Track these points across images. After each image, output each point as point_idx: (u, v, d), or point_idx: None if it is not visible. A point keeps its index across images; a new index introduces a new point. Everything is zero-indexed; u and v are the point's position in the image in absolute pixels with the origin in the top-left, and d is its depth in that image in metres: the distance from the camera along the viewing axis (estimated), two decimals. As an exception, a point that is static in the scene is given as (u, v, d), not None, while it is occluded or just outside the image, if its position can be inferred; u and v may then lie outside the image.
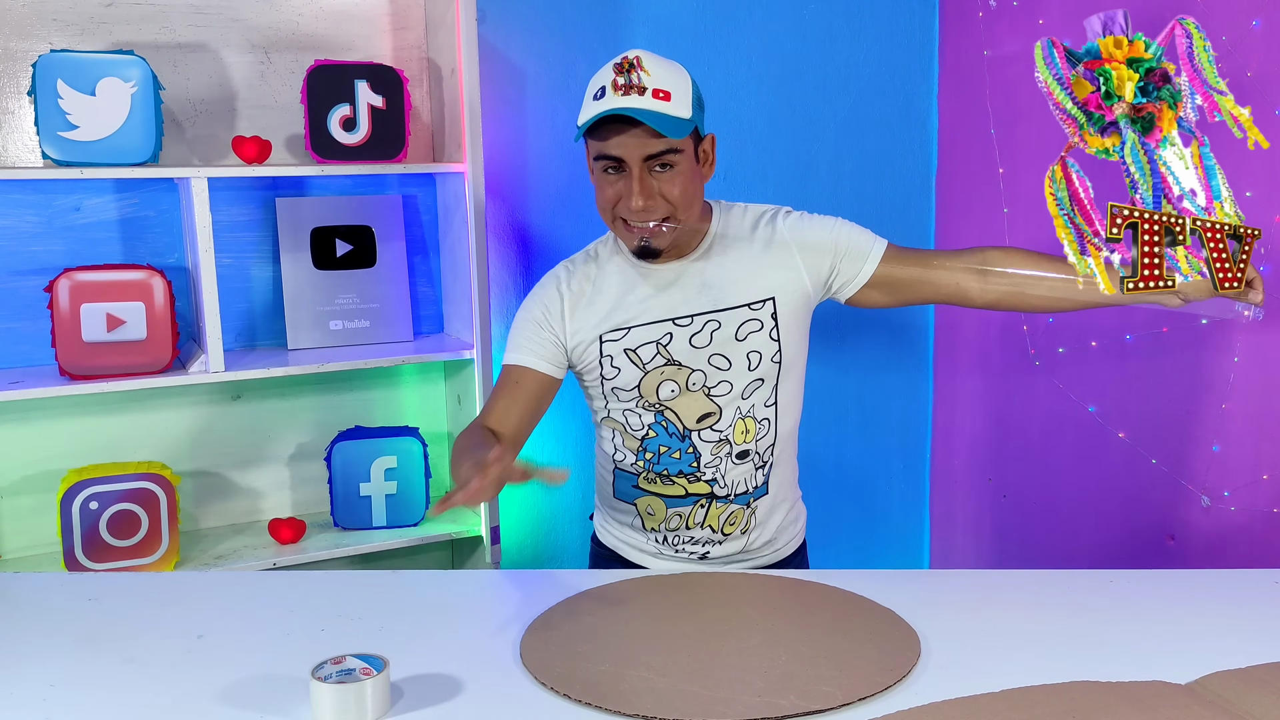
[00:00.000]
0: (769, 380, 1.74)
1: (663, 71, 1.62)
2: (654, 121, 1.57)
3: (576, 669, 1.36)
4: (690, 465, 1.75)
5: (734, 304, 1.71)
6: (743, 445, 1.74)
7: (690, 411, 1.72)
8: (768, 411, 1.75)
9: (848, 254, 1.74)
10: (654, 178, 1.62)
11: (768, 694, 1.28)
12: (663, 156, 1.61)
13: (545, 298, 1.78)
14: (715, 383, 1.71)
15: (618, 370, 1.73)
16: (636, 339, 1.71)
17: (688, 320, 1.71)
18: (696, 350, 1.70)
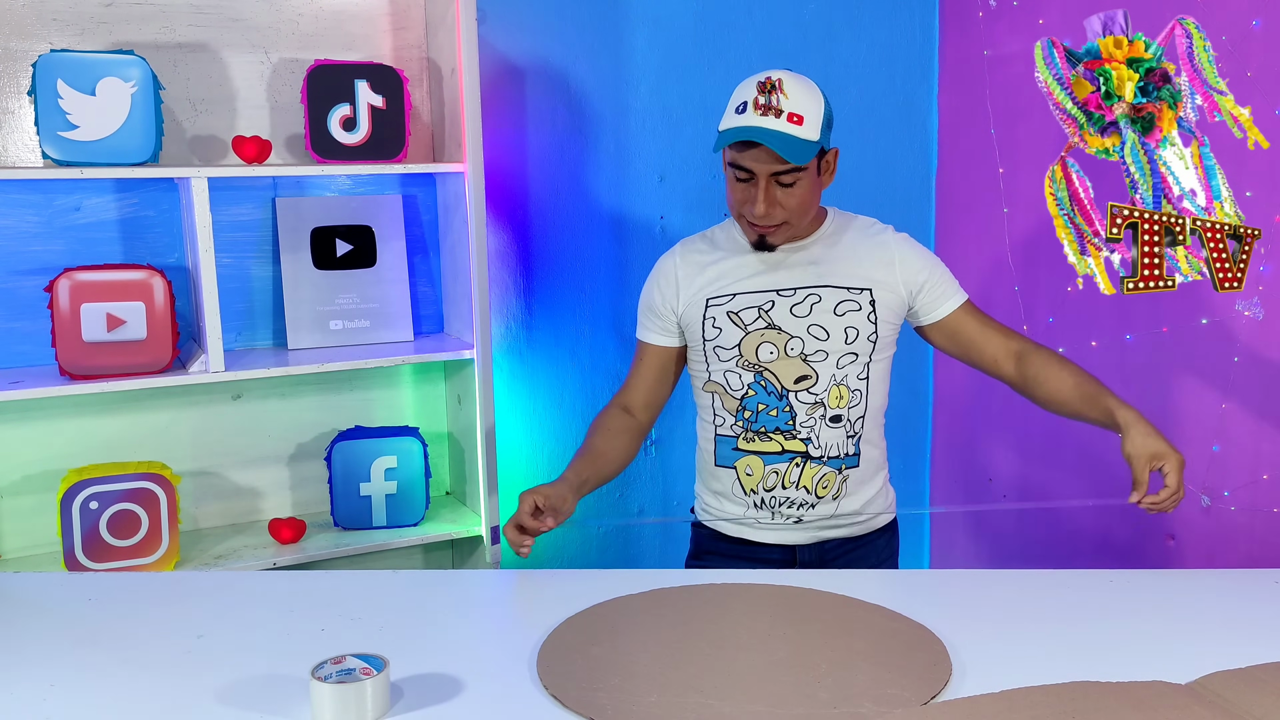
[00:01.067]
0: (862, 356, 1.86)
1: (801, 96, 1.78)
2: (783, 147, 1.74)
3: (595, 687, 1.36)
4: (787, 424, 1.85)
5: (836, 284, 1.86)
6: (836, 409, 1.85)
7: (788, 373, 1.84)
8: (860, 384, 1.87)
9: (933, 288, 1.90)
10: (778, 189, 1.79)
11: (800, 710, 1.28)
12: (789, 174, 1.78)
13: (660, 271, 1.97)
14: (812, 350, 1.84)
15: (719, 330, 1.87)
16: (740, 303, 1.87)
17: (790, 291, 1.86)
18: (797, 319, 1.84)
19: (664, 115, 2.78)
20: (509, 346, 2.70)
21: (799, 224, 1.84)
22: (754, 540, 1.92)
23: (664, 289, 1.95)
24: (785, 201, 1.80)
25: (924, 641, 1.44)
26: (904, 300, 1.89)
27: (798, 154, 1.75)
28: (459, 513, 2.54)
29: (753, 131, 1.75)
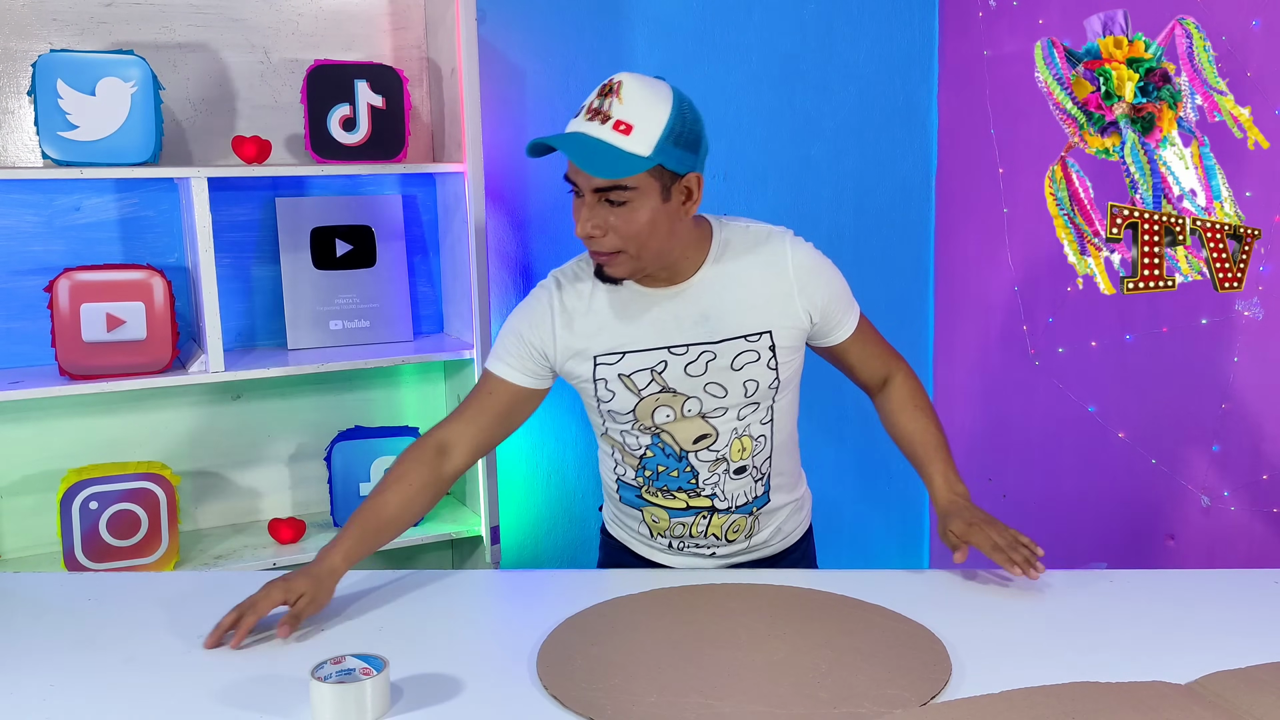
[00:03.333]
0: (764, 403, 1.73)
1: (639, 102, 1.52)
2: (588, 155, 1.50)
3: (595, 687, 1.36)
4: (689, 482, 1.75)
5: (730, 335, 1.67)
6: (740, 462, 1.74)
7: (686, 434, 1.71)
8: (763, 429, 1.75)
9: (830, 316, 1.74)
10: (608, 209, 1.55)
11: (798, 710, 1.28)
12: (611, 192, 1.53)
13: (536, 310, 1.72)
14: (711, 408, 1.70)
15: (612, 394, 1.69)
16: (631, 365, 1.67)
17: (683, 349, 1.67)
18: (692, 379, 1.68)
19: (664, 115, 2.77)
20: (509, 346, 2.69)
21: (642, 256, 1.58)
22: (663, 564, 1.84)
23: (539, 330, 1.70)
24: (618, 226, 1.55)
25: (924, 641, 1.43)
26: (805, 329, 1.72)
27: (608, 166, 1.50)
28: (459, 513, 2.54)
29: (564, 140, 1.52)
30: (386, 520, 1.68)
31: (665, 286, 1.67)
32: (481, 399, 1.73)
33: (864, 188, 3.03)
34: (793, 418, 1.81)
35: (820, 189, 2.97)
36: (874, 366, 1.83)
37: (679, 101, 1.55)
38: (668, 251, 1.62)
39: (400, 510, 1.68)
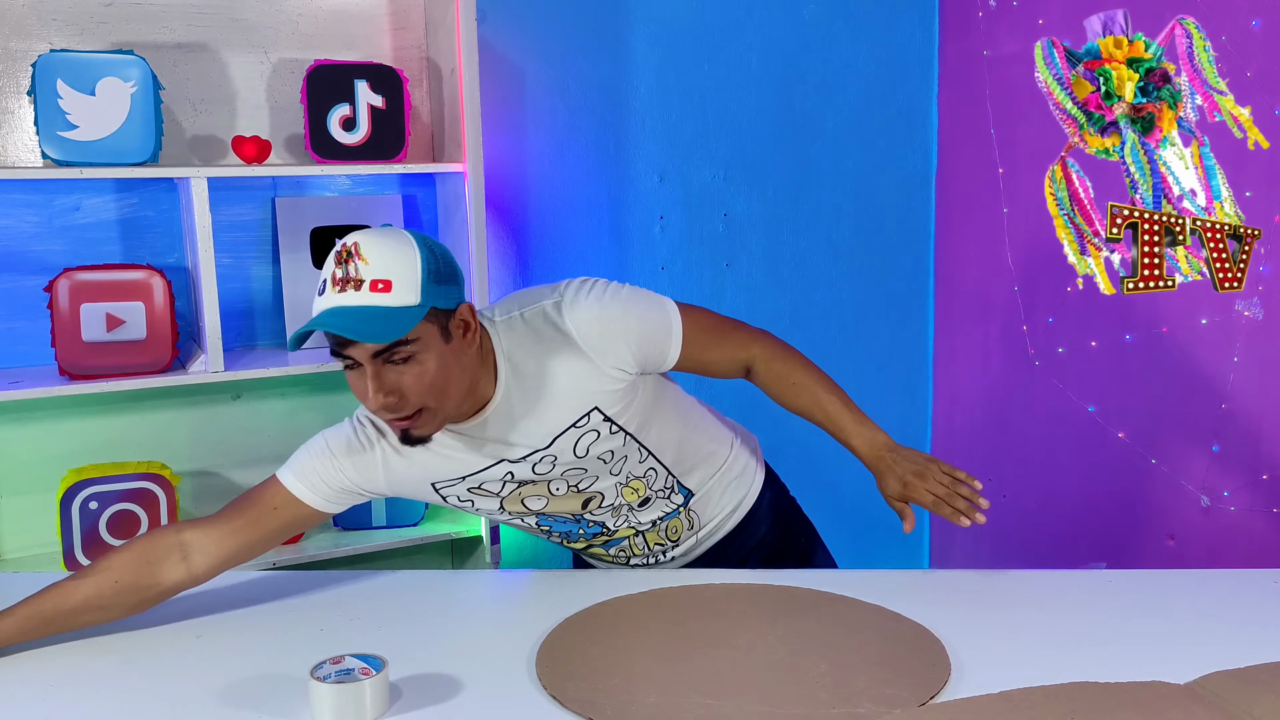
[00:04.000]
0: (632, 454, 1.64)
1: (383, 257, 1.41)
2: (359, 326, 1.40)
3: (595, 687, 1.36)
4: (601, 531, 1.73)
5: (557, 432, 1.57)
6: (641, 497, 1.70)
7: (570, 507, 1.67)
8: (646, 463, 1.67)
9: (646, 357, 1.61)
10: (394, 371, 1.45)
11: (793, 710, 1.28)
12: (395, 350, 1.43)
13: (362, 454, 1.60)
14: (582, 483, 1.64)
15: (470, 502, 1.64)
16: (476, 481, 1.61)
17: (520, 458, 1.59)
18: (543, 475, 1.61)
19: (664, 115, 2.78)
20: (509, 346, 2.69)
21: (442, 405, 1.48)
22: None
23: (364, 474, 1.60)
24: (411, 385, 1.45)
25: (923, 642, 1.43)
26: (629, 379, 1.59)
27: (385, 330, 1.39)
28: (458, 513, 2.54)
29: (324, 319, 1.41)
30: (66, 611, 1.47)
31: (470, 420, 1.57)
32: (260, 511, 1.60)
33: (864, 188, 3.02)
34: (673, 425, 1.71)
35: (820, 189, 2.97)
36: (724, 364, 1.71)
37: (421, 241, 1.46)
38: (466, 390, 1.52)
39: (84, 605, 1.48)
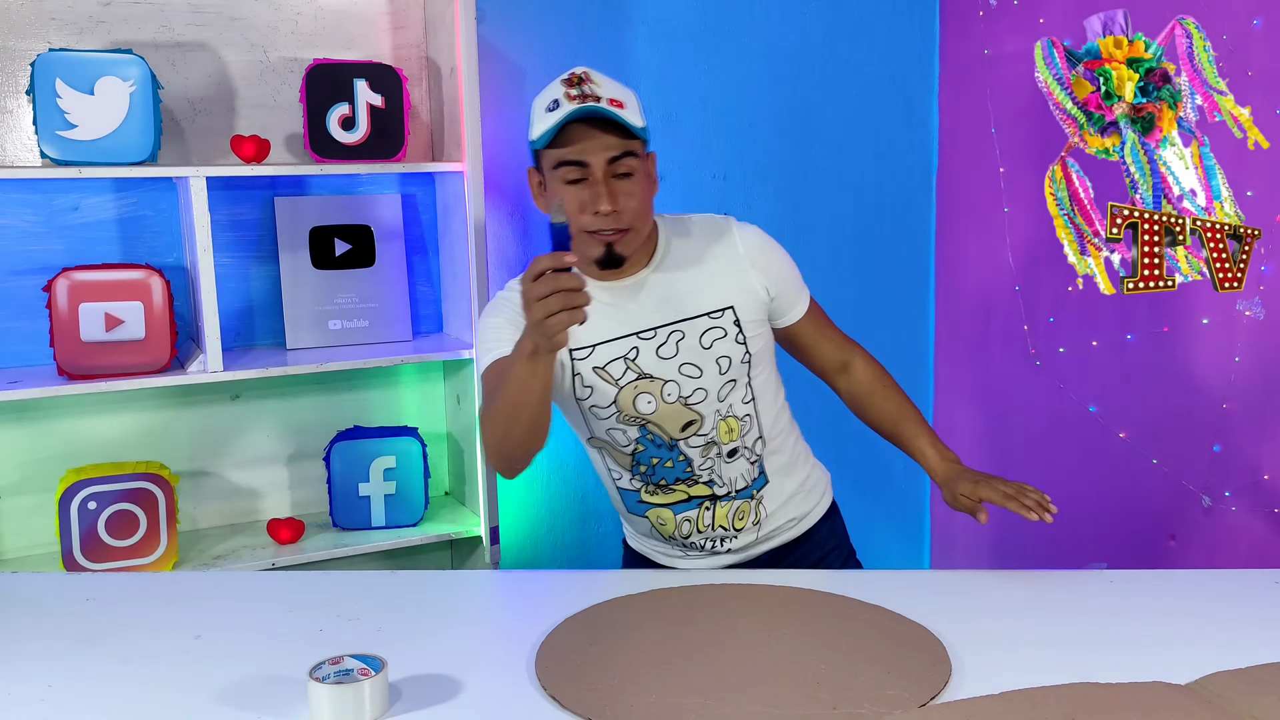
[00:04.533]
0: (741, 380, 1.75)
1: (612, 84, 1.65)
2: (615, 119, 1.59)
3: (595, 687, 1.36)
4: (684, 471, 1.76)
5: (694, 314, 1.71)
6: (730, 444, 1.76)
7: (673, 423, 1.73)
8: (747, 408, 1.76)
9: (783, 295, 1.79)
10: (617, 185, 1.62)
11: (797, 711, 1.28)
12: (624, 161, 1.61)
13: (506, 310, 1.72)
14: (690, 391, 1.71)
15: (590, 389, 1.72)
16: (604, 355, 1.71)
17: (651, 333, 1.71)
18: (665, 361, 1.70)
19: (664, 115, 2.77)
20: (508, 346, 2.69)
21: (642, 230, 1.67)
22: (683, 568, 1.85)
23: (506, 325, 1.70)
24: (627, 199, 1.62)
25: (924, 642, 1.43)
26: (765, 303, 1.76)
27: (624, 131, 1.60)
28: (458, 513, 2.54)
29: (581, 110, 1.58)
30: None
31: (621, 279, 1.72)
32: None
33: (864, 188, 3.02)
34: (777, 396, 1.83)
35: (820, 189, 2.97)
36: (829, 350, 1.87)
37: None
38: (647, 233, 1.70)
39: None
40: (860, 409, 1.89)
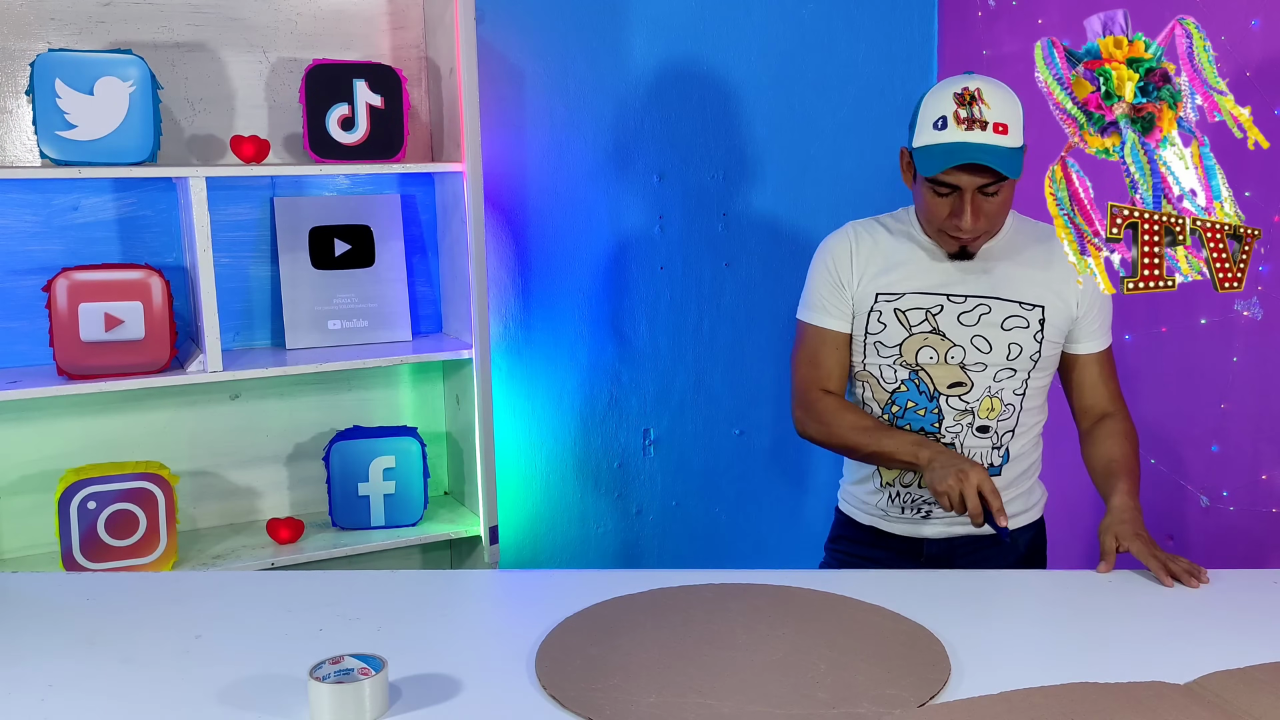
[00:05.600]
0: (1021, 373, 1.84)
1: (1001, 103, 1.71)
2: (996, 162, 1.67)
3: (595, 687, 1.36)
4: (933, 425, 1.84)
5: (1008, 297, 1.82)
6: (985, 420, 1.84)
7: (944, 378, 1.83)
8: (1015, 399, 1.85)
9: (1090, 323, 1.86)
10: (983, 201, 1.74)
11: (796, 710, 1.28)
12: (994, 185, 1.72)
13: (836, 248, 1.90)
14: (972, 361, 1.82)
15: (884, 326, 1.84)
16: (909, 303, 1.83)
17: (961, 299, 1.82)
18: (963, 327, 1.81)
19: (663, 115, 2.77)
20: (507, 346, 2.69)
21: (997, 230, 1.81)
22: (882, 530, 1.93)
23: (840, 268, 1.88)
24: (991, 212, 1.76)
25: (923, 641, 1.43)
26: (1072, 319, 1.85)
27: (1010, 166, 1.70)
28: (457, 513, 2.54)
29: (965, 150, 1.69)
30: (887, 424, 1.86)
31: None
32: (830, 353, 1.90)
33: (863, 187, 3.02)
34: (1042, 410, 1.91)
35: (819, 189, 2.97)
36: (1099, 396, 1.90)
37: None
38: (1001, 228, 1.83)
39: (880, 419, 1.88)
40: (1090, 448, 1.89)
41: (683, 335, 2.87)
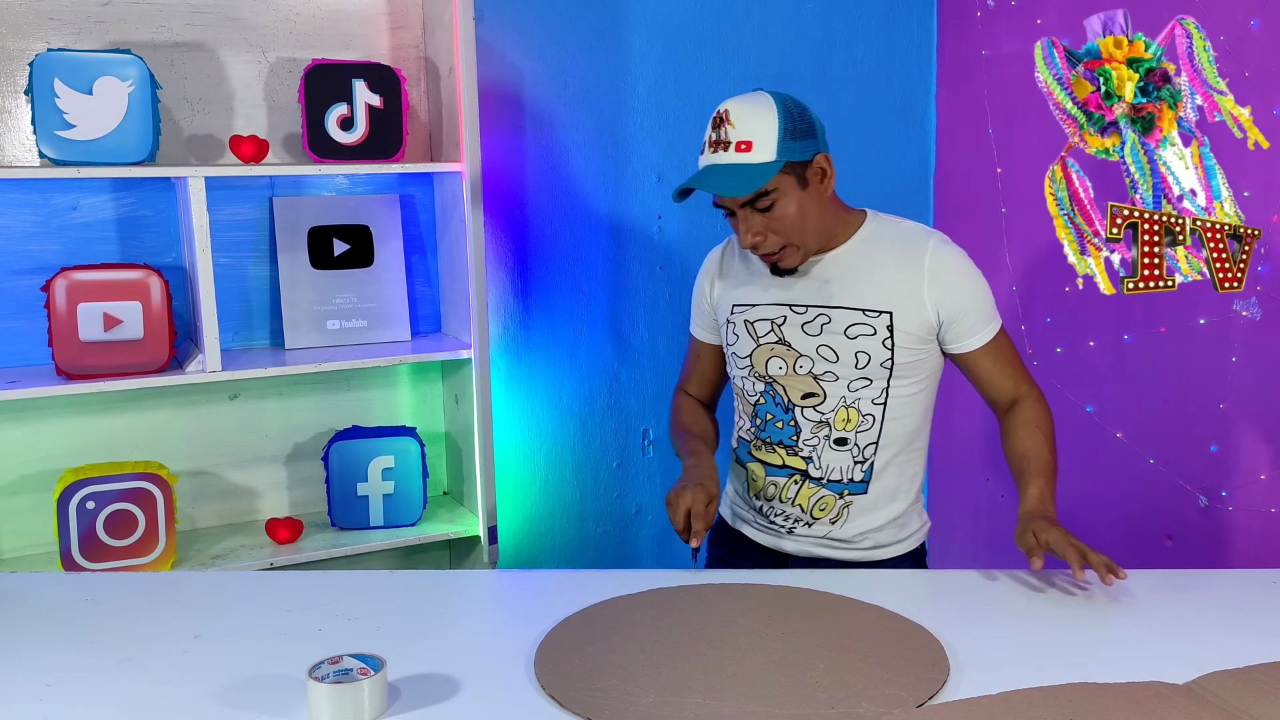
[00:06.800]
0: (878, 381, 1.80)
1: (747, 120, 1.71)
2: (724, 183, 1.69)
3: (594, 687, 1.36)
4: (790, 438, 1.83)
5: (848, 305, 1.79)
6: (842, 432, 1.81)
7: (796, 389, 1.82)
8: (874, 409, 1.81)
9: (961, 322, 1.80)
10: (760, 216, 1.73)
11: (796, 710, 1.28)
12: (758, 200, 1.71)
13: (707, 263, 1.98)
14: (821, 371, 1.80)
15: (736, 338, 1.88)
16: (757, 314, 1.85)
17: (803, 308, 1.82)
18: (807, 337, 1.81)
19: (662, 115, 2.77)
20: (506, 346, 2.69)
21: (804, 241, 1.76)
22: (748, 538, 1.93)
23: (705, 283, 1.96)
24: (773, 226, 1.74)
25: (922, 641, 1.43)
26: (933, 325, 1.79)
27: (743, 184, 1.69)
28: (456, 513, 2.54)
29: (705, 173, 1.73)
30: (708, 436, 1.95)
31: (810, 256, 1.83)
32: (694, 361, 2.04)
33: (862, 187, 3.01)
34: (914, 418, 1.85)
35: (818, 189, 2.97)
36: (1003, 385, 1.86)
37: (781, 103, 1.73)
38: (825, 229, 1.79)
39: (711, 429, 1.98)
40: (1005, 441, 1.86)
41: (682, 335, 2.87)
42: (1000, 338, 1.84)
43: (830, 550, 1.87)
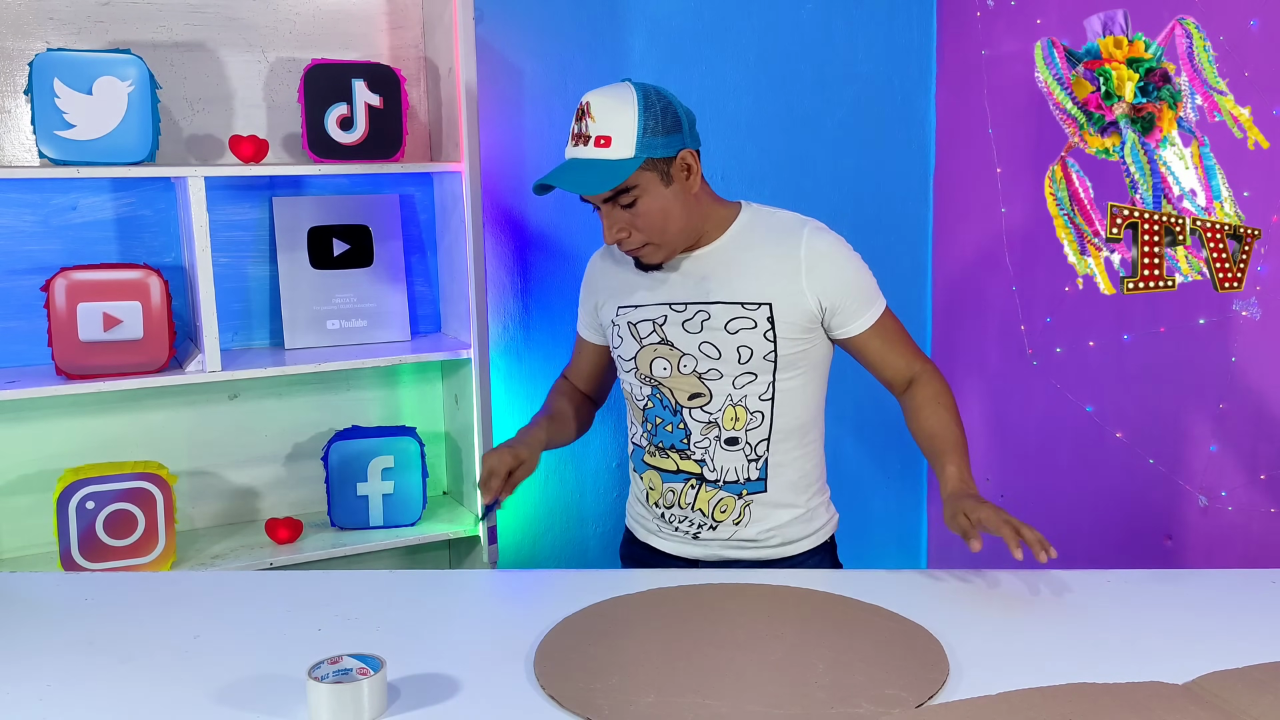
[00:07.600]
0: (763, 376, 1.76)
1: (608, 114, 1.67)
2: (581, 179, 1.66)
3: (593, 687, 1.36)
4: (681, 441, 1.80)
5: (726, 300, 1.76)
6: (732, 431, 1.78)
7: (682, 390, 1.79)
8: (762, 405, 1.77)
9: (844, 308, 1.77)
10: (623, 213, 1.70)
11: (794, 710, 1.28)
12: (619, 196, 1.68)
13: (590, 265, 1.96)
14: (705, 369, 1.77)
15: (621, 340, 1.84)
16: (639, 315, 1.82)
17: (681, 307, 1.78)
18: (688, 335, 1.77)
19: (662, 115, 2.77)
20: (506, 346, 2.69)
21: (667, 239, 1.72)
22: (657, 549, 1.89)
23: (588, 285, 1.95)
24: (636, 223, 1.70)
25: (921, 641, 1.43)
26: (814, 314, 1.76)
27: (600, 180, 1.65)
28: (456, 513, 2.54)
29: (563, 169, 1.70)
30: (563, 416, 1.95)
31: (685, 253, 1.80)
32: (577, 357, 2.04)
33: (862, 187, 3.02)
34: (806, 410, 1.82)
35: (818, 189, 2.97)
36: (896, 366, 1.82)
37: (643, 98, 1.68)
38: (692, 226, 1.76)
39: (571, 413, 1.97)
40: (910, 421, 1.83)
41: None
42: (886, 318, 1.81)
43: (739, 551, 1.84)
